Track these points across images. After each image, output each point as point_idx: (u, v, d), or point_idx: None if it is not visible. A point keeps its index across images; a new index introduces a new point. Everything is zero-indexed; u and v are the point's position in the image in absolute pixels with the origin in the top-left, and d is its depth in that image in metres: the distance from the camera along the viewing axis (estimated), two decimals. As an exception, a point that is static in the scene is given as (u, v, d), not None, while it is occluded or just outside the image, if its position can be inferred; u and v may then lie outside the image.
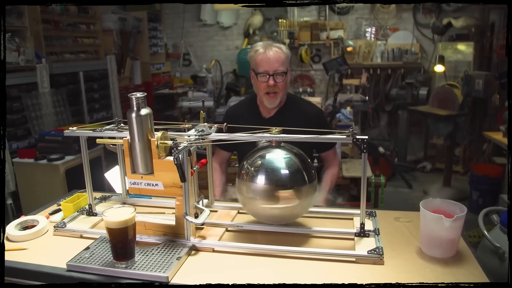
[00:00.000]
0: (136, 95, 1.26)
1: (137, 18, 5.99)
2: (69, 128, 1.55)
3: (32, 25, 3.97)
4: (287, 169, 1.30)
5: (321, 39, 6.46)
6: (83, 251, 1.26)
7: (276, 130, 1.33)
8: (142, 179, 1.33)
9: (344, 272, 1.12)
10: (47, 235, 1.45)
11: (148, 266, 1.16)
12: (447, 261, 1.16)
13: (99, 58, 5.11)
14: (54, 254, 1.29)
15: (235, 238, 1.39)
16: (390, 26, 6.36)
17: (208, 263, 1.21)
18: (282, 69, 1.95)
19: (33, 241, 1.40)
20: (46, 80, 3.99)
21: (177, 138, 1.31)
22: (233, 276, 1.13)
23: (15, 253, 1.31)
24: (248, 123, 2.06)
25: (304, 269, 1.15)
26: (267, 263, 1.19)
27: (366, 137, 1.19)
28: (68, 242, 1.38)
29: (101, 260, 1.20)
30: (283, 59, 1.96)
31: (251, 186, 1.32)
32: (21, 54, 3.72)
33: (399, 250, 1.24)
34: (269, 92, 1.99)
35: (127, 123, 1.29)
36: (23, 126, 3.82)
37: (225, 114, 2.26)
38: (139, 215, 1.30)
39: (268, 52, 1.95)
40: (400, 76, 6.16)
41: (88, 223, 1.52)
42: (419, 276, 1.08)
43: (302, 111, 2.08)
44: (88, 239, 1.38)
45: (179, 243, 1.30)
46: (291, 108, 2.09)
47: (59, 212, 1.60)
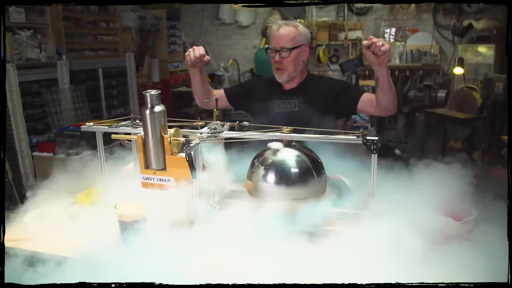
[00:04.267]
0: (150, 93, 1.28)
1: (156, 16, 6.05)
2: (86, 124, 1.59)
3: (54, 23, 4.05)
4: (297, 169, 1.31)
5: (339, 39, 6.44)
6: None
7: (287, 129, 1.34)
8: (154, 174, 1.36)
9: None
10: (63, 225, 1.48)
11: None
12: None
13: (118, 55, 5.18)
14: (69, 242, 1.32)
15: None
16: (409, 27, 6.31)
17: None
18: (288, 46, 2.02)
19: (50, 230, 1.43)
20: (66, 76, 4.07)
21: (189, 135, 1.34)
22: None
23: (32, 242, 1.35)
24: (268, 91, 2.19)
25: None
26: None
27: (376, 138, 1.19)
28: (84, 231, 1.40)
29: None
30: (292, 37, 2.03)
31: (261, 186, 1.33)
32: (42, 50, 3.80)
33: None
34: (278, 68, 2.07)
35: (141, 119, 1.32)
36: (43, 121, 3.91)
37: (252, 78, 2.44)
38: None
39: (279, 30, 2.05)
40: (418, 78, 6.10)
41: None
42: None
43: (324, 85, 2.13)
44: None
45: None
46: (312, 82, 2.15)
47: (75, 205, 1.64)
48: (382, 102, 1.85)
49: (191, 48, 1.91)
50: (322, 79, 2.21)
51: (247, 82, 2.52)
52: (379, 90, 1.80)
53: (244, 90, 2.29)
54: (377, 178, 1.22)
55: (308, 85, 2.14)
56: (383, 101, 1.84)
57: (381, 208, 1.17)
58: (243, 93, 2.27)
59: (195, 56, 1.88)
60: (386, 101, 1.83)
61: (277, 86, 2.17)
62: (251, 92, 2.24)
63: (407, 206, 1.17)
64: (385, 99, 1.82)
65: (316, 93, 2.10)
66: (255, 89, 2.25)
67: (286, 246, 1.24)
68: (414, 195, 1.21)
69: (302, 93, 2.11)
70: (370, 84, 5.75)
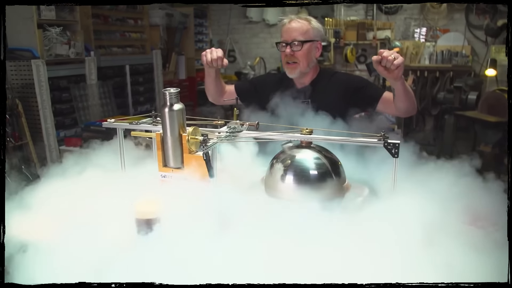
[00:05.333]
0: (169, 90, 1.28)
1: (184, 14, 6.10)
2: (108, 120, 1.61)
3: (83, 20, 4.13)
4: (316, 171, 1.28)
5: (367, 39, 6.34)
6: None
7: (306, 130, 1.31)
8: (172, 172, 1.35)
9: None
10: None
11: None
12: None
13: (145, 52, 5.24)
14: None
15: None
16: (440, 27, 6.15)
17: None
18: (300, 38, 1.97)
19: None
20: (94, 73, 4.15)
21: (208, 134, 1.33)
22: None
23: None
24: (281, 90, 2.05)
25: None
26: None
27: (398, 142, 1.16)
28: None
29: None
30: (305, 30, 1.98)
31: (278, 186, 1.31)
32: (71, 47, 3.88)
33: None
34: (289, 62, 2.02)
35: (160, 117, 1.32)
36: (71, 116, 3.99)
37: (263, 75, 2.37)
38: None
39: (291, 23, 2.01)
40: (448, 80, 5.95)
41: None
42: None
43: (338, 80, 2.07)
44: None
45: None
46: (325, 79, 2.09)
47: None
48: (400, 108, 1.83)
49: (209, 49, 1.87)
50: (336, 74, 2.14)
51: (258, 79, 2.42)
52: (397, 99, 1.78)
53: (254, 87, 2.23)
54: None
55: (321, 82, 2.08)
56: (401, 107, 1.82)
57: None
58: (253, 90, 2.21)
59: (211, 59, 1.85)
60: (404, 107, 1.81)
61: (289, 84, 2.12)
62: (262, 89, 2.15)
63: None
64: (403, 106, 1.80)
65: (329, 90, 2.04)
66: (266, 86, 2.17)
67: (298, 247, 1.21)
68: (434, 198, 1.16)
69: (315, 92, 2.06)
70: (398, 84, 5.65)
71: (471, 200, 1.18)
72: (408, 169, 1.30)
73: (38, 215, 1.31)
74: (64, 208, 1.31)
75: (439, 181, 1.26)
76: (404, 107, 1.81)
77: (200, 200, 1.27)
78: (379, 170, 1.35)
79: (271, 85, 2.16)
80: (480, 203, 1.18)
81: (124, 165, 1.62)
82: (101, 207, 1.28)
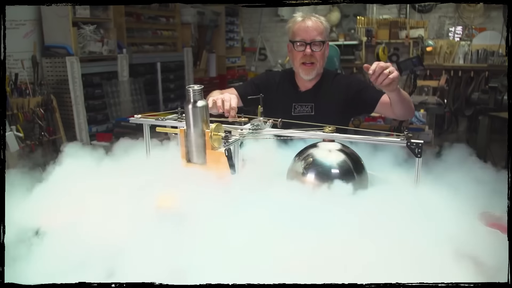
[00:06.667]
0: (193, 88, 1.30)
1: (215, 12, 6.14)
2: (135, 116, 1.65)
3: (116, 18, 4.22)
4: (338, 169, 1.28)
5: (400, 37, 6.23)
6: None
7: (329, 128, 1.31)
8: (195, 168, 1.37)
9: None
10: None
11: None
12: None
13: (177, 50, 5.31)
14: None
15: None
16: (476, 26, 5.98)
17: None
18: (320, 39, 1.95)
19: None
20: (126, 69, 4.24)
21: (231, 131, 1.34)
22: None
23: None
24: (283, 93, 2.09)
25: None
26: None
27: (421, 142, 1.14)
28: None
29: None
30: (321, 29, 1.96)
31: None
32: (104, 44, 3.98)
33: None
34: (306, 62, 1.97)
35: (184, 113, 1.34)
36: (103, 112, 4.09)
37: (263, 74, 2.36)
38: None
39: (306, 21, 1.96)
40: (483, 80, 5.78)
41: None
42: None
43: (339, 84, 2.06)
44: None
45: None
46: (327, 82, 2.07)
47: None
48: (397, 113, 1.85)
49: (222, 98, 1.65)
50: (337, 77, 2.12)
51: (261, 80, 2.23)
52: (393, 106, 1.79)
53: (258, 90, 2.08)
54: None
55: (324, 85, 2.06)
56: (398, 112, 1.85)
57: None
58: (256, 92, 2.08)
59: (230, 107, 1.63)
60: (401, 113, 1.84)
61: (292, 87, 2.10)
62: (266, 92, 2.00)
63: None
64: (400, 111, 1.83)
65: (331, 93, 2.03)
66: (269, 88, 2.10)
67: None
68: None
69: (318, 96, 2.04)
70: (430, 84, 5.54)
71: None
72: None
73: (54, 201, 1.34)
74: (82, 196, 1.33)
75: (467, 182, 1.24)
76: (401, 113, 1.83)
77: (222, 194, 1.29)
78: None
79: (274, 85, 2.13)
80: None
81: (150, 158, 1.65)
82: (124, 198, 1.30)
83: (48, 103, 3.51)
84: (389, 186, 1.26)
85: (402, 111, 1.81)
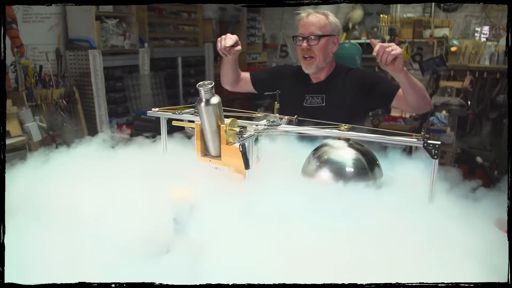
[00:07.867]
0: (204, 86, 1.29)
1: (237, 8, 6.14)
2: (152, 109, 1.66)
3: (139, 12, 4.26)
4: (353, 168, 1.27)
5: (424, 37, 6.11)
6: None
7: (345, 127, 1.30)
8: (210, 162, 1.38)
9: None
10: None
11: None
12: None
13: (198, 45, 5.34)
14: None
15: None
16: (503, 26, 5.83)
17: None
18: (318, 33, 1.97)
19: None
20: (147, 63, 4.28)
21: (247, 126, 1.34)
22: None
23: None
24: (297, 84, 2.13)
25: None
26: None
27: (438, 143, 1.12)
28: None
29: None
30: (322, 24, 1.98)
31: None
32: (126, 38, 4.02)
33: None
34: (305, 56, 2.01)
35: (198, 111, 1.34)
36: (123, 105, 4.14)
37: (281, 65, 2.38)
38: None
39: (308, 17, 2.01)
40: (510, 82, 5.64)
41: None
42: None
43: (353, 77, 2.06)
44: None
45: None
46: (341, 75, 2.08)
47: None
48: (410, 102, 1.81)
49: (224, 36, 1.83)
50: (351, 70, 2.12)
51: (276, 70, 2.41)
52: (404, 93, 1.77)
53: (272, 78, 2.23)
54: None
55: (336, 78, 2.07)
56: (411, 102, 1.80)
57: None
58: (270, 81, 2.21)
59: (224, 46, 1.81)
60: (414, 101, 1.79)
61: (304, 79, 2.13)
62: (279, 81, 2.15)
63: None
64: (413, 100, 1.78)
65: (344, 87, 2.03)
66: (282, 79, 2.18)
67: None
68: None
69: (330, 87, 2.05)
70: (454, 85, 5.43)
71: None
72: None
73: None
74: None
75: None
76: (413, 101, 1.78)
77: (235, 188, 1.29)
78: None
79: (288, 77, 2.18)
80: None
81: (166, 152, 1.66)
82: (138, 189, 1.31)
83: (71, 95, 3.57)
84: (403, 186, 1.25)
85: (415, 99, 1.77)
